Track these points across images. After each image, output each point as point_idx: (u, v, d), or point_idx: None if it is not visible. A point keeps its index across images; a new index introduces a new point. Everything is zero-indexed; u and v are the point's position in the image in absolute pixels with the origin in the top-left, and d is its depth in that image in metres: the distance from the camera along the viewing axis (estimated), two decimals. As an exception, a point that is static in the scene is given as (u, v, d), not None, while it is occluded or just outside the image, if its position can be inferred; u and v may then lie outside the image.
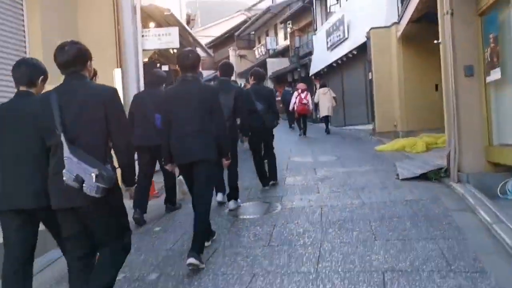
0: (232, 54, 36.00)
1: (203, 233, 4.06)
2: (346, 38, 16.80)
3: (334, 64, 18.32)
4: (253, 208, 5.93)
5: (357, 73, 16.63)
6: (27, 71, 3.10)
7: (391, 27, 12.50)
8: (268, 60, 28.98)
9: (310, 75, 22.03)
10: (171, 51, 10.13)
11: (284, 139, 15.10)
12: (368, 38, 13.08)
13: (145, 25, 7.77)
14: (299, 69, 22.76)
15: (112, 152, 2.90)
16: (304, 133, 14.71)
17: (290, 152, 10.80)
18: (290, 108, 15.06)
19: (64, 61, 2.81)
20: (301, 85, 15.64)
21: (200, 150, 4.03)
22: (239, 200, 5.95)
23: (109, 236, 2.88)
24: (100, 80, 4.37)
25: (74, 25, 6.60)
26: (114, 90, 2.91)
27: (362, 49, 14.65)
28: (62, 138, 2.65)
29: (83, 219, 2.81)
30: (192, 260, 3.77)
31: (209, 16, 48.58)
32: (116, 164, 2.90)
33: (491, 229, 4.31)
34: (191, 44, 11.39)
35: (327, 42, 19.15)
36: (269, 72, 28.60)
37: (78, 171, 2.59)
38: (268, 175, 6.97)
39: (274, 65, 28.46)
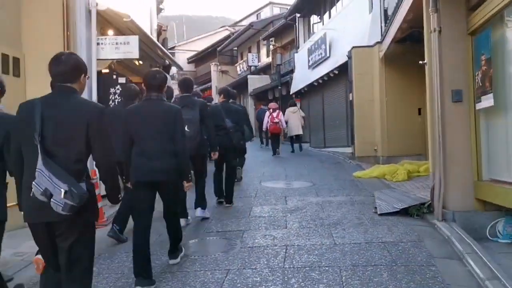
0: (213, 69, 35.40)
1: (178, 235, 4.47)
2: (328, 57, 16.25)
3: (315, 83, 17.74)
4: (209, 246, 5.14)
5: (338, 93, 16.05)
6: None
7: (373, 47, 11.94)
8: (249, 77, 28.37)
9: (291, 93, 21.42)
10: (137, 63, 9.35)
11: (258, 159, 14.41)
12: (349, 57, 12.50)
13: (104, 32, 7.00)
14: (279, 87, 22.16)
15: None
16: (278, 153, 14.39)
17: (262, 176, 10.04)
18: (264, 127, 15.00)
19: (58, 71, 2.73)
20: (272, 104, 15.36)
21: (162, 171, 4.00)
22: (206, 211, 6.11)
23: (81, 256, 2.72)
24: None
25: (17, 24, 5.79)
26: (101, 109, 2.78)
27: (344, 69, 14.07)
28: (39, 150, 2.54)
29: (55, 235, 2.68)
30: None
31: (196, 32, 48.00)
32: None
33: (483, 287, 3.59)
34: (160, 57, 10.62)
35: (309, 61, 18.59)
36: (250, 89, 28.01)
37: (46, 185, 2.49)
38: (224, 194, 6.95)
39: (255, 82, 27.85)
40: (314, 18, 20.96)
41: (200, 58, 40.85)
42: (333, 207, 6.47)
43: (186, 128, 4.86)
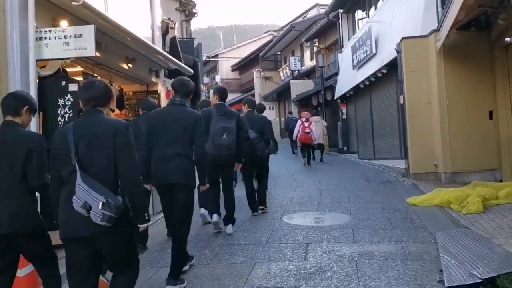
0: (256, 75, 33.69)
1: (181, 258, 4.20)
2: (374, 54, 13.93)
3: (361, 86, 15.44)
4: None
5: (387, 96, 13.69)
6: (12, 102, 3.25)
7: (428, 37, 9.61)
8: (292, 82, 26.30)
9: (335, 98, 19.18)
10: (125, 65, 7.56)
11: (289, 171, 12.35)
12: (398, 51, 10.21)
13: (57, 25, 5.23)
14: (322, 92, 19.95)
15: None
16: (308, 162, 13.82)
17: (289, 203, 7.97)
18: (294, 136, 14.69)
19: (91, 97, 2.98)
20: (305, 114, 14.79)
21: (178, 173, 4.12)
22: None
23: (122, 265, 2.96)
24: None
25: None
26: (126, 125, 2.97)
27: (393, 67, 11.76)
28: (77, 167, 2.75)
29: (95, 248, 2.83)
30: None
31: (244, 39, 46.47)
32: None
33: None
34: (162, 62, 8.83)
35: (353, 60, 16.32)
36: (293, 95, 25.93)
37: (86, 198, 2.67)
38: (257, 200, 7.06)
39: (298, 88, 25.76)
40: (358, 14, 18.66)
41: (244, 65, 39.30)
42: (374, 269, 4.29)
43: (224, 136, 5.29)
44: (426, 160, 9.57)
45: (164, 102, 8.97)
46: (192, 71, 9.56)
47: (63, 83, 5.10)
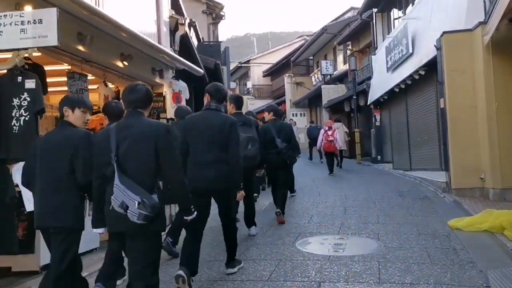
0: (287, 81, 32.65)
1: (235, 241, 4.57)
2: (411, 54, 12.61)
3: (396, 89, 14.09)
4: None
5: (425, 100, 12.34)
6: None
7: (474, 30, 8.31)
8: (323, 87, 25.00)
9: (368, 103, 17.85)
10: (120, 63, 6.63)
11: (313, 183, 11.17)
12: (438, 48, 8.92)
13: (21, 8, 4.32)
14: (354, 97, 18.61)
15: None
16: (332, 171, 13.34)
17: (307, 223, 6.83)
18: (318, 145, 14.42)
19: (133, 99, 3.14)
20: (328, 122, 14.62)
21: (217, 179, 4.15)
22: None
23: (146, 268, 2.99)
24: None
25: None
26: (167, 127, 3.12)
27: (432, 67, 10.47)
28: (115, 168, 2.89)
29: (129, 245, 3.05)
30: (180, 272, 3.84)
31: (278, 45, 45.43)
32: None
33: None
34: (168, 61, 7.87)
35: (387, 62, 15.02)
36: (324, 101, 24.66)
37: (123, 198, 2.82)
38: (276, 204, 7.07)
39: (330, 93, 24.47)
40: (394, 13, 17.34)
41: (276, 71, 38.29)
42: (404, 328, 3.14)
43: (250, 146, 5.33)
44: (470, 173, 8.23)
45: (169, 106, 8.03)
46: (202, 71, 8.60)
47: (19, 79, 4.16)
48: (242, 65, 42.42)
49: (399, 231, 6.02)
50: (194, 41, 17.18)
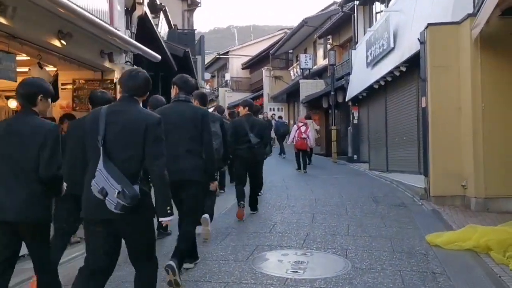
0: (266, 74, 31.86)
1: (183, 250, 4.16)
2: (392, 49, 11.87)
3: (375, 86, 13.38)
4: None
5: (405, 98, 11.65)
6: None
7: (462, 23, 7.57)
8: (301, 81, 24.23)
9: (346, 99, 17.12)
10: (58, 42, 5.67)
11: (283, 183, 10.37)
12: (422, 42, 8.16)
13: None
14: (333, 93, 17.85)
15: None
16: (304, 168, 13.21)
17: (269, 232, 6.00)
18: (289, 142, 14.39)
19: (131, 85, 3.02)
20: (302, 119, 14.58)
21: (189, 170, 4.15)
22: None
23: (141, 253, 2.95)
24: None
25: None
26: (157, 119, 2.96)
27: (414, 64, 9.76)
28: (101, 151, 2.79)
29: (117, 231, 2.88)
30: (171, 263, 3.81)
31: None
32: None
33: None
34: (119, 43, 6.89)
35: (367, 57, 14.28)
36: (302, 96, 23.89)
37: (104, 184, 2.72)
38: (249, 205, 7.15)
39: (308, 88, 23.71)
40: (376, 6, 16.64)
41: (255, 63, 37.38)
42: None
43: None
44: (452, 180, 7.51)
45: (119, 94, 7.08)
46: (158, 57, 7.66)
47: None
48: (221, 56, 41.37)
49: (371, 247, 5.24)
50: (165, 27, 16.19)
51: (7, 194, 2.98)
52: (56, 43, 5.63)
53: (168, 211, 2.95)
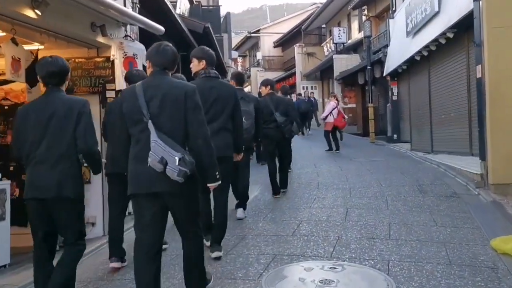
0: (297, 51, 30.42)
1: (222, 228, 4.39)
2: (437, 13, 10.39)
3: (417, 57, 11.93)
4: None
5: (453, 69, 10.22)
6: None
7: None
8: (335, 57, 22.76)
9: (384, 74, 15.68)
10: (31, 12, 4.69)
11: (314, 169, 9.22)
12: (477, -1, 6.78)
13: None
14: (369, 67, 16.41)
15: None
16: (337, 148, 12.63)
17: (291, 235, 4.93)
18: (323, 116, 13.27)
19: (160, 60, 3.05)
20: (336, 95, 14.32)
21: (223, 147, 4.15)
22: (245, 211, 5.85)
23: (190, 225, 3.04)
24: None
25: None
26: (194, 88, 3.02)
27: (463, 28, 8.37)
28: (150, 125, 2.83)
29: (165, 205, 2.93)
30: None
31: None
32: None
33: None
34: (114, 15, 5.84)
35: (407, 25, 12.78)
36: (336, 73, 22.47)
37: (163, 154, 2.75)
38: (279, 183, 7.04)
39: (343, 64, 22.24)
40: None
41: (287, 41, 35.95)
42: None
43: (244, 120, 4.82)
44: (516, 165, 6.22)
45: (120, 74, 6.08)
46: (162, 29, 6.60)
47: None
48: (252, 35, 40.03)
49: (420, 257, 4.09)
50: (185, 3, 15.14)
51: (43, 173, 3.07)
52: (30, 13, 4.66)
53: (217, 176, 3.04)
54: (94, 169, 3.41)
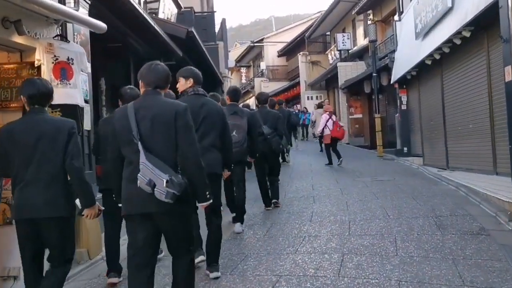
0: (301, 60, 29.29)
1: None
2: (449, 10, 9.01)
3: (428, 61, 10.55)
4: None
5: (470, 72, 8.84)
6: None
7: None
8: (339, 64, 21.43)
9: (391, 82, 14.28)
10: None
11: (304, 191, 7.81)
12: (503, -18, 5.40)
13: None
14: (375, 74, 15.01)
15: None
16: (338, 158, 11.98)
17: (274, 285, 3.59)
18: (318, 131, 13.09)
19: (153, 79, 3.07)
20: (328, 107, 13.73)
21: (214, 164, 4.22)
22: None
23: (182, 245, 3.06)
24: None
25: None
26: (185, 107, 3.03)
27: (482, 25, 6.98)
28: (140, 147, 2.85)
29: (157, 226, 2.95)
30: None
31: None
32: None
33: None
34: (42, 12, 4.52)
35: (416, 26, 11.42)
36: (341, 81, 21.12)
37: (151, 176, 2.76)
38: (270, 195, 7.09)
39: (347, 72, 20.91)
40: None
41: (291, 50, 34.81)
42: None
43: (234, 133, 5.26)
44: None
45: (47, 79, 4.73)
46: (104, 26, 5.21)
47: None
48: (255, 44, 38.89)
49: None
50: (170, 7, 13.91)
51: (35, 194, 3.10)
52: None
53: (208, 196, 3.06)
54: (83, 196, 3.29)
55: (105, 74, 10.76)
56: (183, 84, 4.32)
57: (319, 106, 17.18)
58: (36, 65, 4.76)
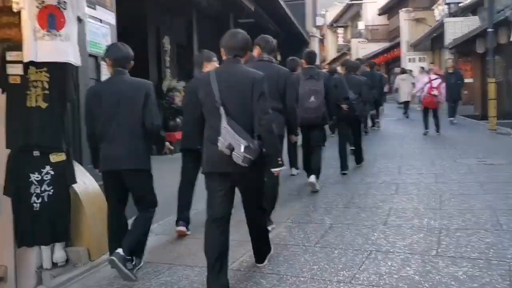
0: (403, 17, 26.61)
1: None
2: None
3: None
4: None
5: None
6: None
7: None
8: (447, 20, 18.55)
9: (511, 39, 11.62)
10: None
11: (387, 173, 6.15)
12: None
13: None
14: (490, 29, 12.32)
15: None
16: (437, 130, 11.06)
17: None
18: (416, 92, 12.31)
19: (231, 46, 3.23)
20: (437, 70, 12.99)
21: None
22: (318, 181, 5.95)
23: (254, 202, 3.34)
24: None
25: None
26: (262, 76, 3.15)
27: None
28: (221, 111, 3.01)
29: (233, 184, 3.18)
30: None
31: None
32: None
33: None
34: None
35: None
36: (447, 40, 18.28)
37: (230, 140, 2.93)
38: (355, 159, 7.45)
39: (456, 29, 17.98)
40: None
41: (394, 6, 31.49)
42: None
43: (312, 99, 5.56)
44: None
45: (30, 35, 3.61)
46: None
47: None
48: (353, 2, 35.94)
49: None
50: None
51: (117, 148, 3.46)
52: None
53: (280, 162, 3.20)
54: (158, 146, 3.98)
55: (168, 33, 9.79)
56: (255, 51, 4.48)
57: (402, 71, 16.58)
58: (15, 10, 3.63)
